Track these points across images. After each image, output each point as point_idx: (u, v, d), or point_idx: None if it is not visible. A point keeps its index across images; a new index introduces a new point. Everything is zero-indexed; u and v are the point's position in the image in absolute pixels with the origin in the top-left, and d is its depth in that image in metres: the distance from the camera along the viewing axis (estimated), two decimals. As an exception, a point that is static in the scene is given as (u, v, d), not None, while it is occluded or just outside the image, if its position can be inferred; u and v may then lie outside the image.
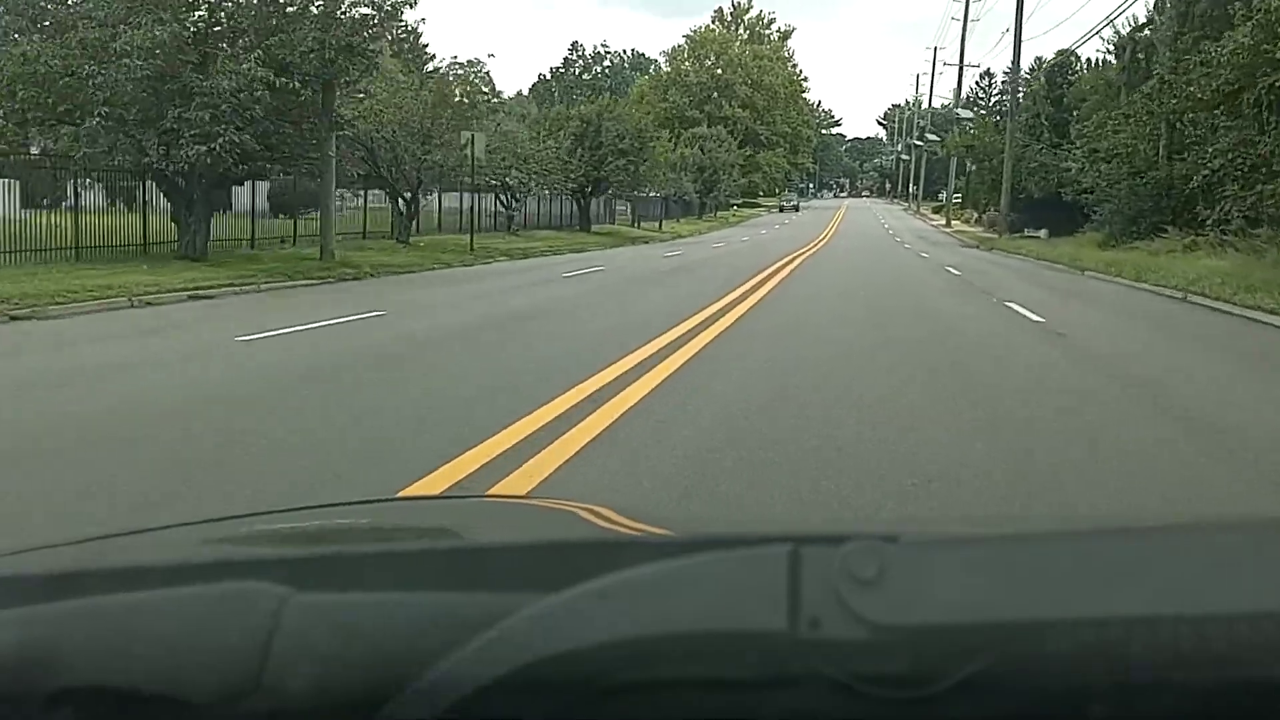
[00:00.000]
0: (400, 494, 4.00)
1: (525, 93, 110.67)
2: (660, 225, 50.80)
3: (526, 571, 0.67)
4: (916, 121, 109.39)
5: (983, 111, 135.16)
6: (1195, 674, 0.54)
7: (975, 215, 68.79)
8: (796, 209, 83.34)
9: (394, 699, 0.54)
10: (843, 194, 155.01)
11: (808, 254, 31.42)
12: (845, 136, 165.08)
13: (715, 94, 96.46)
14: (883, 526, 0.74)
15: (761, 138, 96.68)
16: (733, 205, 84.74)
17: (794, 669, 0.54)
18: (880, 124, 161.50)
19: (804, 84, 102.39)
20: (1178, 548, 0.70)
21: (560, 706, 0.54)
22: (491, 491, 4.19)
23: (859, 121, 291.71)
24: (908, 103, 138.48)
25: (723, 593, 0.57)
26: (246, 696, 0.55)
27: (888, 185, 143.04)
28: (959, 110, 65.10)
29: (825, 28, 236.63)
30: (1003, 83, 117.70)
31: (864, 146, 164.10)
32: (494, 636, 0.55)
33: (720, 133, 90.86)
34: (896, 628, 0.54)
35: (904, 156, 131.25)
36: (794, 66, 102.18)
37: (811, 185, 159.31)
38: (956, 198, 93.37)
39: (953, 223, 63.94)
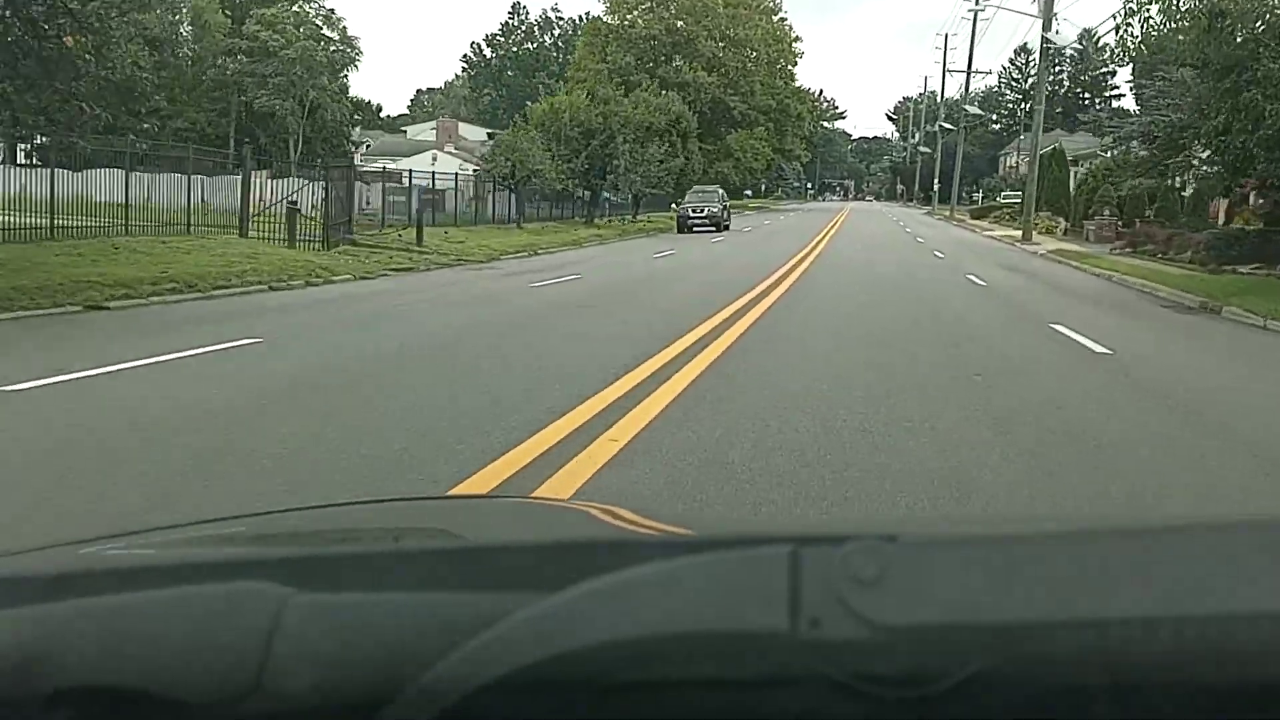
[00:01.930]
0: (404, 496, 3.55)
1: (459, 74, 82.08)
2: (419, 234, 21.82)
3: (527, 571, 0.65)
4: (941, 100, 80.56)
5: (1017, 96, 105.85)
6: (1195, 674, 0.53)
7: (1062, 225, 40.36)
8: (717, 224, 37.86)
9: (394, 699, 0.53)
10: (848, 196, 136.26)
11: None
12: (851, 136, 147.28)
13: (672, 54, 67.62)
14: (883, 526, 0.72)
15: (734, 112, 67.82)
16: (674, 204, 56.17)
17: (794, 669, 0.52)
18: (890, 118, 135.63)
19: (795, 45, 73.26)
20: (1178, 548, 0.67)
21: (560, 706, 0.53)
22: (499, 492, 4.01)
23: (866, 125, 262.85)
24: (922, 95, 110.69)
25: (723, 592, 0.56)
26: (246, 697, 0.54)
27: (900, 187, 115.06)
28: (1048, 35, 35.71)
29: (832, 29, 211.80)
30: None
31: (871, 146, 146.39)
32: (494, 636, 0.54)
33: (670, 101, 62.21)
34: (897, 628, 0.52)
35: (923, 148, 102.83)
36: (781, 19, 73.04)
37: (810, 185, 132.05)
38: (1012, 197, 64.66)
39: (1033, 235, 35.25)
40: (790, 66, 71.64)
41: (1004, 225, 47.99)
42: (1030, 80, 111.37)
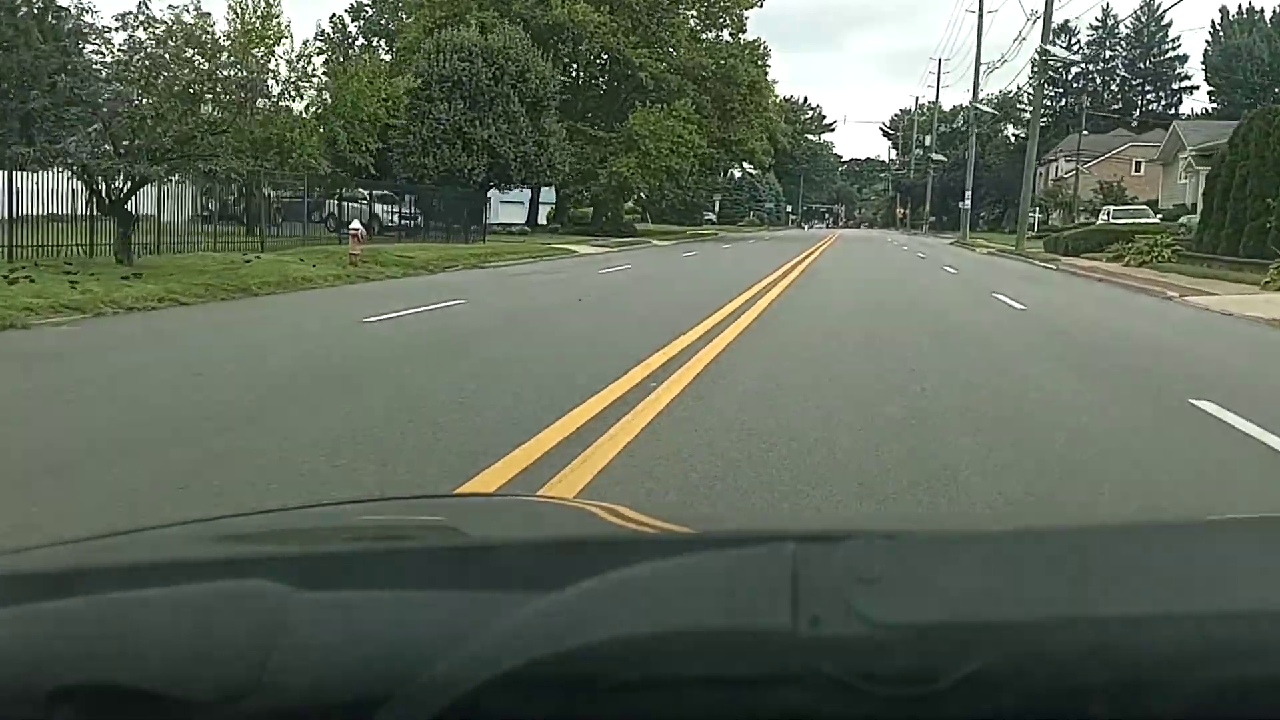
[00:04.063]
0: (404, 495, 3.35)
1: (311, 46, 54.49)
2: None
3: (528, 570, 0.64)
4: (977, 70, 52.71)
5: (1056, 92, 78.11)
6: (1195, 674, 0.51)
7: None
8: None
9: (394, 698, 0.52)
10: (838, 223, 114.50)
11: None
12: (841, 158, 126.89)
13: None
14: (884, 525, 0.78)
15: (641, 75, 39.86)
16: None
17: (795, 667, 0.51)
18: (885, 132, 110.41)
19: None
20: (1178, 548, 0.67)
21: (561, 704, 0.52)
22: (501, 490, 3.72)
23: (857, 150, 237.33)
24: (926, 106, 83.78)
25: (725, 590, 0.55)
26: (247, 695, 0.52)
27: (901, 210, 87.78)
28: None
29: (823, 59, 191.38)
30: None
31: (864, 169, 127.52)
32: (495, 635, 0.53)
33: (512, 37, 34.21)
34: (897, 626, 0.52)
35: (937, 155, 75.20)
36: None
37: (790, 209, 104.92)
38: (1126, 214, 36.29)
39: None
40: (741, 10, 43.43)
41: (1222, 282, 19.89)
42: (1073, 71, 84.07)
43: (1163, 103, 79.48)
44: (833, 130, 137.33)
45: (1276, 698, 0.51)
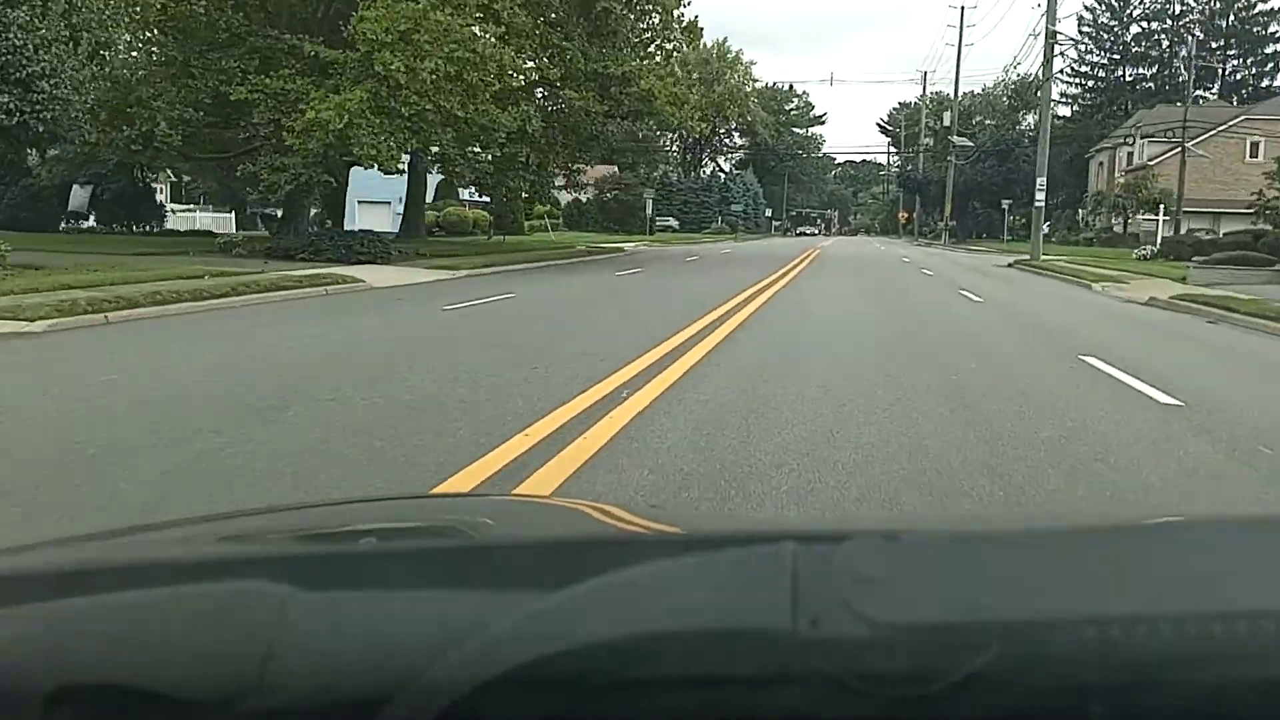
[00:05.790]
0: (403, 495, 3.47)
1: None
2: None
3: (528, 570, 0.64)
4: (1049, 14, 31.76)
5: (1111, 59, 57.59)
6: (1195, 674, 0.51)
7: None
8: None
9: (394, 698, 0.51)
10: (830, 230, 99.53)
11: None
12: (834, 159, 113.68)
13: None
14: (883, 525, 0.76)
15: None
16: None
17: (795, 667, 0.51)
18: (882, 128, 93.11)
19: None
20: (1178, 546, 0.66)
21: (561, 704, 0.51)
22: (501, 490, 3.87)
23: (852, 152, 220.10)
24: (928, 86, 63.83)
25: (724, 590, 0.54)
26: (247, 696, 0.52)
27: (906, 214, 68.50)
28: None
29: (820, 64, 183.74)
30: None
31: (859, 172, 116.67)
32: (495, 635, 0.52)
33: None
34: (897, 626, 0.51)
35: (959, 139, 54.66)
36: None
37: (771, 215, 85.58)
38: None
39: None
40: None
41: None
42: (1133, 32, 62.93)
43: (1252, 70, 59.49)
44: (823, 123, 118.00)
45: (1277, 698, 0.50)
